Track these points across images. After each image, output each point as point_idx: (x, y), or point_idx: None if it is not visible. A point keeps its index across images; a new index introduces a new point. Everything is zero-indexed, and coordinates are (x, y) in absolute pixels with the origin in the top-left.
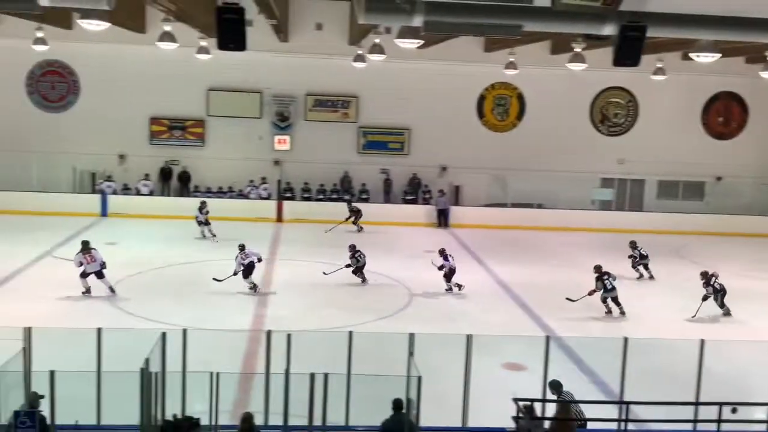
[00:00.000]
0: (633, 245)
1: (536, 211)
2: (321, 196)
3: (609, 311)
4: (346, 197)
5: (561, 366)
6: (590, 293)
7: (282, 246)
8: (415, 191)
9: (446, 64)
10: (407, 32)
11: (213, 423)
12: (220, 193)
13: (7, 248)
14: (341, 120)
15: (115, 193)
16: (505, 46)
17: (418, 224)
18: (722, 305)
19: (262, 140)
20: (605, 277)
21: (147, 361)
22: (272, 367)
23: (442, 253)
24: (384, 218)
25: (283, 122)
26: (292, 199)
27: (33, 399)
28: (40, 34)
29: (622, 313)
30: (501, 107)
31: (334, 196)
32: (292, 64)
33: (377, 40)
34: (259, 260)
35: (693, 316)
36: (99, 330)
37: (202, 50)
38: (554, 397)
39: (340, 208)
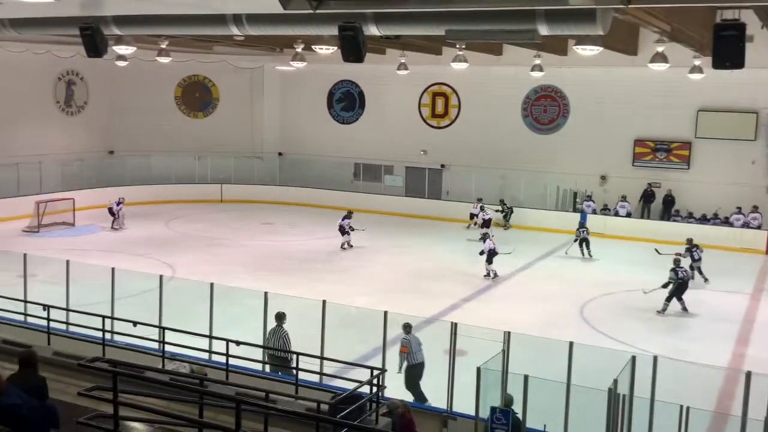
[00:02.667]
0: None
1: None
2: None
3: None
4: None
5: None
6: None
7: None
8: None
9: None
10: None
11: None
12: (703, 219)
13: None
14: None
15: (594, 212)
16: None
17: None
18: None
19: (756, 164)
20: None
21: (615, 381)
22: (750, 412)
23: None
24: None
25: None
26: None
27: (508, 401)
28: (537, 61)
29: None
30: None
31: None
32: None
33: None
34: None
35: None
36: (571, 344)
37: (695, 70)
38: None
39: None
